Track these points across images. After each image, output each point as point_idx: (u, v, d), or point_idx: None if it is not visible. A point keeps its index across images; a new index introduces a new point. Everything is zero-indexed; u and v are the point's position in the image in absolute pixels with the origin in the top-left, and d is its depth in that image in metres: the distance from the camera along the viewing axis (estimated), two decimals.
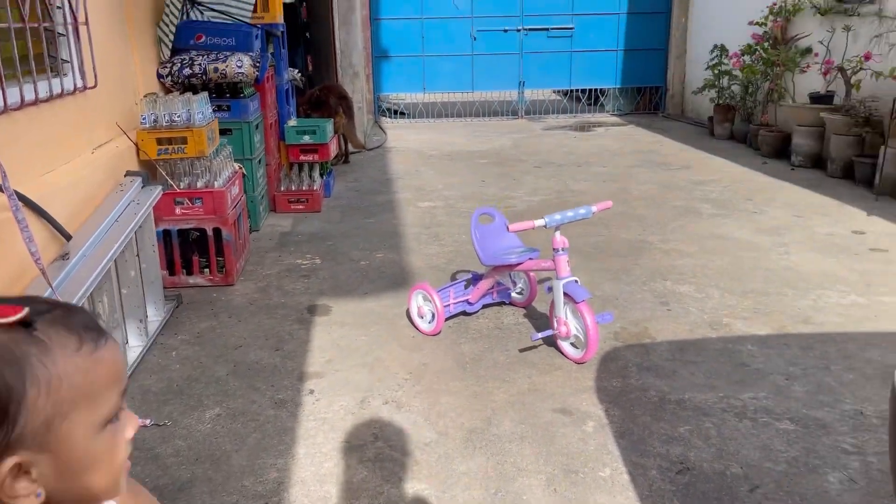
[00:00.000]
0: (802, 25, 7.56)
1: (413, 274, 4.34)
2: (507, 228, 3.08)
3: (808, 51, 7.31)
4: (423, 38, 10.44)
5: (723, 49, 8.63)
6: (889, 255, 4.45)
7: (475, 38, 10.46)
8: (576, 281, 3.12)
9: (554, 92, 11.97)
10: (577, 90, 11.18)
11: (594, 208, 3.15)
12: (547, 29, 10.44)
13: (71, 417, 0.74)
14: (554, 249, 3.14)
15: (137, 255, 3.39)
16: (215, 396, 2.94)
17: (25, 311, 0.72)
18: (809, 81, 7.16)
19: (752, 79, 8.03)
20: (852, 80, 6.39)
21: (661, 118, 10.62)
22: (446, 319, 3.55)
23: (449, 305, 3.53)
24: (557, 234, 3.13)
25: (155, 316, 3.59)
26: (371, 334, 3.50)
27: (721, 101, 8.73)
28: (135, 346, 3.29)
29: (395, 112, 11.13)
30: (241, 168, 4.68)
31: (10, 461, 0.71)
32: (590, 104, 11.29)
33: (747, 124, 8.24)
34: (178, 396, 2.95)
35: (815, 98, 6.84)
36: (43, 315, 0.74)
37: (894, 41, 5.86)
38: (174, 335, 3.52)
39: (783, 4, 7.69)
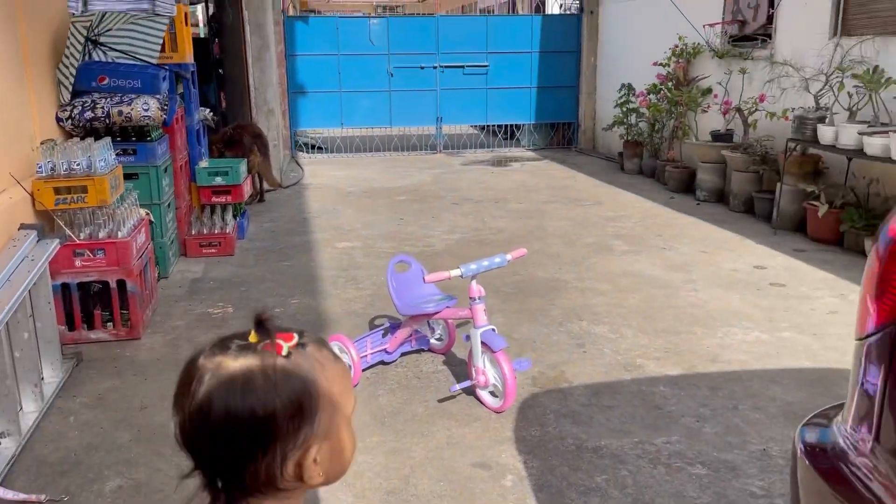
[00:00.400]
0: (702, 67, 7.95)
1: (330, 321, 4.26)
2: (424, 280, 3.06)
3: (709, 91, 7.69)
4: (340, 74, 10.43)
5: (630, 88, 8.99)
6: (787, 289, 4.67)
7: (392, 75, 10.53)
8: (493, 329, 3.13)
9: (472, 126, 12.16)
10: (493, 125, 11.40)
11: (509, 257, 3.17)
12: (463, 66, 10.62)
13: (339, 411, 0.95)
14: (471, 298, 3.14)
15: (31, 315, 3.19)
16: (117, 466, 2.77)
17: (297, 336, 0.94)
18: (711, 120, 7.52)
19: (658, 117, 8.38)
20: (749, 120, 6.75)
21: (575, 153, 10.92)
22: (364, 370, 3.49)
23: (366, 356, 3.47)
24: (473, 283, 3.13)
25: (52, 377, 3.38)
26: None
27: (630, 138, 9.06)
28: (29, 413, 3.08)
29: (313, 147, 11.04)
30: (148, 214, 4.50)
31: (314, 450, 0.92)
32: (506, 139, 11.51)
33: (655, 160, 8.57)
34: (76, 468, 2.77)
35: (716, 136, 7.19)
36: (304, 337, 0.95)
37: (786, 85, 6.24)
38: (73, 397, 3.32)
39: (684, 47, 8.08)
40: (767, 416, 3.09)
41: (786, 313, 4.25)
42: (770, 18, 6.85)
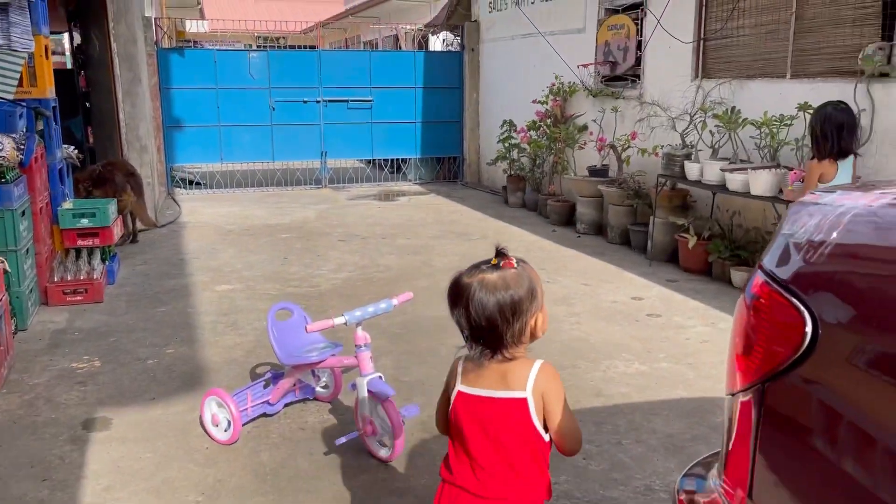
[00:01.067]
0: (578, 105, 8.30)
1: (209, 371, 4.04)
2: (306, 329, 2.95)
3: (584, 128, 8.02)
4: (219, 108, 10.13)
5: (511, 124, 9.24)
6: (662, 319, 4.88)
7: (274, 109, 10.33)
8: (380, 377, 3.05)
9: (358, 160, 12.10)
10: (379, 159, 11.40)
11: (395, 301, 3.12)
12: (346, 101, 10.58)
13: (541, 295, 1.68)
14: (356, 346, 3.06)
15: None
16: None
17: (517, 259, 1.73)
18: (588, 156, 7.83)
19: (539, 152, 8.65)
20: (623, 156, 7.08)
21: (461, 186, 11.08)
22: (245, 424, 3.31)
23: (247, 409, 3.30)
24: (359, 329, 3.05)
25: None
26: (158, 450, 3.17)
27: (513, 172, 9.29)
28: None
29: (191, 182, 10.62)
30: (2, 263, 4.13)
31: (538, 317, 1.68)
32: (393, 173, 11.53)
33: (537, 194, 8.82)
34: None
35: (593, 171, 7.49)
36: (520, 259, 1.75)
37: (655, 124, 6.60)
38: None
39: (560, 86, 8.41)
40: (650, 450, 3.17)
41: (663, 344, 4.43)
42: (638, 60, 7.25)
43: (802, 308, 1.11)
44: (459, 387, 1.76)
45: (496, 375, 1.72)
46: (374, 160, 11.54)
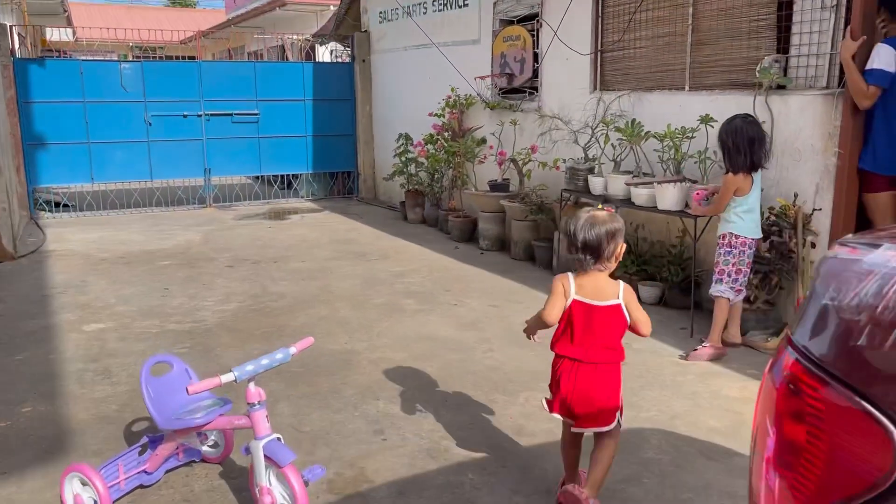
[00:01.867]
0: (476, 118, 8.10)
1: (73, 433, 3.46)
2: (187, 391, 2.49)
3: (483, 141, 7.83)
4: (88, 123, 9.27)
5: (407, 137, 8.93)
6: None
7: (150, 124, 9.57)
8: (278, 439, 2.63)
9: (246, 177, 11.44)
10: (269, 175, 10.80)
11: (293, 350, 2.71)
12: (230, 114, 9.96)
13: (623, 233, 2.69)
14: (249, 404, 2.62)
15: None
16: None
17: (615, 207, 4.20)
18: (488, 170, 7.63)
19: (437, 166, 8.38)
20: (524, 170, 6.91)
21: (356, 202, 10.67)
22: (116, 501, 2.80)
23: (118, 483, 2.79)
24: (252, 385, 2.62)
25: None
26: None
27: (411, 187, 8.98)
28: None
29: (58, 204, 9.65)
30: None
31: (622, 245, 2.65)
32: (283, 189, 10.97)
33: (437, 209, 8.55)
34: None
35: (494, 186, 7.29)
36: (616, 208, 4.07)
37: (556, 137, 6.46)
38: None
39: (457, 98, 8.18)
40: None
41: None
42: (536, 73, 7.12)
43: (883, 419, 0.81)
44: (575, 296, 2.66)
45: (597, 290, 2.65)
46: (262, 176, 10.93)
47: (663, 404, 3.73)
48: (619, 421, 2.76)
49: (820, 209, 4.53)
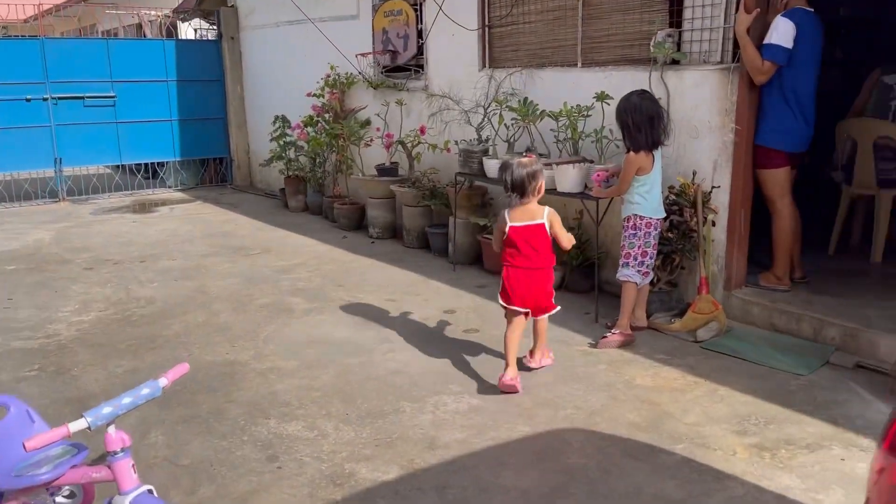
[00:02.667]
0: (359, 98, 7.64)
1: None
2: (25, 447, 1.97)
3: (368, 123, 7.39)
4: None
5: (285, 120, 8.35)
6: (481, 334, 4.39)
7: None
8: (149, 491, 2.15)
9: (105, 167, 10.40)
10: (131, 164, 9.84)
11: (164, 382, 2.23)
12: (82, 98, 8.96)
13: (543, 173, 3.80)
14: (110, 453, 2.13)
15: None
16: None
17: (536, 156, 4.63)
18: (375, 154, 7.21)
19: (319, 150, 7.86)
20: (413, 153, 6.55)
21: (231, 191, 9.94)
22: None
23: None
24: (112, 429, 2.12)
25: None
26: None
27: (290, 173, 8.41)
28: None
29: None
30: None
31: (542, 185, 3.69)
32: (148, 178, 10.06)
33: (321, 196, 8.05)
34: None
35: (382, 170, 6.88)
36: (540, 158, 4.75)
37: (448, 118, 6.13)
38: None
39: (336, 77, 7.69)
40: None
41: (489, 367, 3.93)
42: (421, 49, 6.75)
43: None
44: (511, 223, 3.62)
45: (527, 215, 3.62)
46: (123, 165, 9.95)
47: (579, 399, 3.52)
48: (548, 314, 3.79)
49: (719, 186, 4.47)
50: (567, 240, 3.70)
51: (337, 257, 6.29)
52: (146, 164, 9.90)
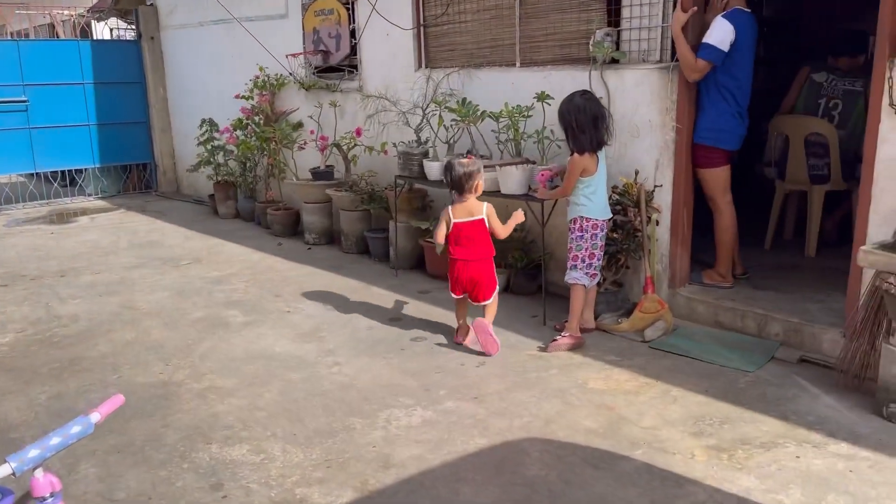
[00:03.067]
0: (291, 100, 7.40)
1: None
2: None
3: (301, 125, 7.17)
4: None
5: (212, 123, 8.02)
6: (428, 343, 4.29)
7: None
8: None
9: (18, 175, 9.79)
10: (46, 172, 9.28)
11: (96, 417, 2.01)
12: None
13: (482, 172, 4.24)
14: (37, 498, 1.91)
15: None
16: None
17: (476, 157, 4.66)
18: (309, 157, 6.99)
19: (249, 155, 7.58)
20: (349, 156, 6.38)
21: (157, 198, 9.51)
22: None
23: None
24: (39, 473, 1.91)
25: None
26: None
27: (220, 178, 8.09)
28: None
29: None
30: None
31: (481, 184, 4.15)
32: (65, 186, 9.51)
33: (253, 201, 7.77)
34: None
35: (317, 174, 6.68)
36: (476, 158, 4.81)
37: (384, 120, 5.98)
38: None
39: (266, 78, 7.43)
40: None
41: (439, 376, 3.82)
42: (354, 50, 6.58)
43: None
44: (454, 220, 4.02)
45: (467, 212, 4.02)
46: (39, 173, 9.38)
47: (534, 407, 3.44)
48: (496, 294, 4.17)
49: (661, 185, 4.48)
50: (503, 230, 4.10)
51: (273, 265, 6.06)
52: (63, 172, 9.36)
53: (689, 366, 3.86)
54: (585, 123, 3.96)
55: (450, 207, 4.09)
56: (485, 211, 4.06)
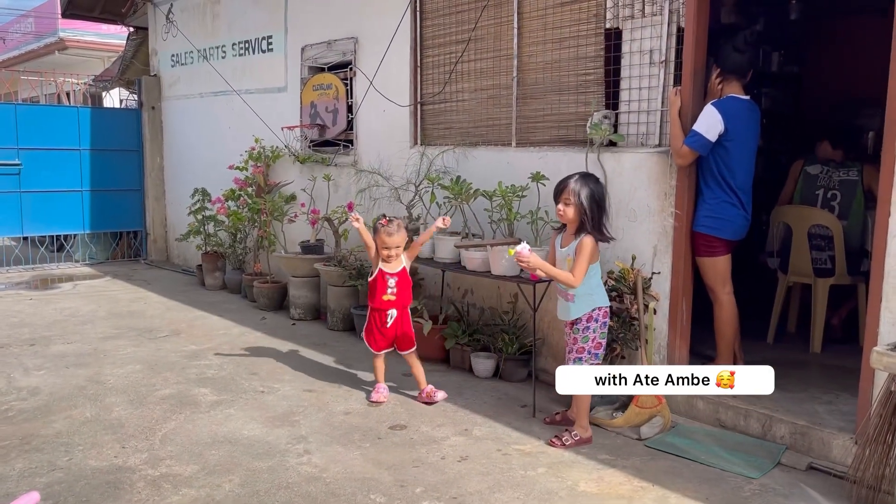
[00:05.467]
0: (284, 172, 7.31)
1: None
2: None
3: (293, 198, 7.04)
4: None
5: (205, 193, 7.91)
6: (409, 432, 3.98)
7: None
8: None
9: (8, 238, 9.63)
10: (35, 237, 9.13)
11: None
12: None
13: (406, 234, 4.71)
14: None
15: None
16: None
17: (395, 221, 4.45)
18: (300, 230, 6.84)
19: (240, 226, 7.44)
20: (340, 230, 6.22)
21: (145, 266, 9.32)
22: None
23: None
24: None
25: None
26: None
27: (209, 249, 7.92)
28: None
29: None
30: None
31: (404, 242, 4.47)
32: (53, 251, 9.34)
33: (240, 273, 7.57)
34: None
35: (306, 248, 6.50)
36: (395, 221, 4.50)
37: (377, 195, 5.85)
38: None
39: (261, 150, 7.36)
40: None
41: (416, 470, 3.51)
42: (351, 124, 6.52)
43: None
44: (382, 267, 4.36)
45: (393, 263, 4.35)
46: (27, 238, 9.22)
47: None
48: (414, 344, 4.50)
49: (659, 272, 4.28)
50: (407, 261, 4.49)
51: (253, 341, 5.79)
52: (52, 237, 9.21)
53: (689, 469, 3.55)
54: (605, 206, 3.80)
55: (379, 261, 4.40)
56: (404, 261, 4.43)
